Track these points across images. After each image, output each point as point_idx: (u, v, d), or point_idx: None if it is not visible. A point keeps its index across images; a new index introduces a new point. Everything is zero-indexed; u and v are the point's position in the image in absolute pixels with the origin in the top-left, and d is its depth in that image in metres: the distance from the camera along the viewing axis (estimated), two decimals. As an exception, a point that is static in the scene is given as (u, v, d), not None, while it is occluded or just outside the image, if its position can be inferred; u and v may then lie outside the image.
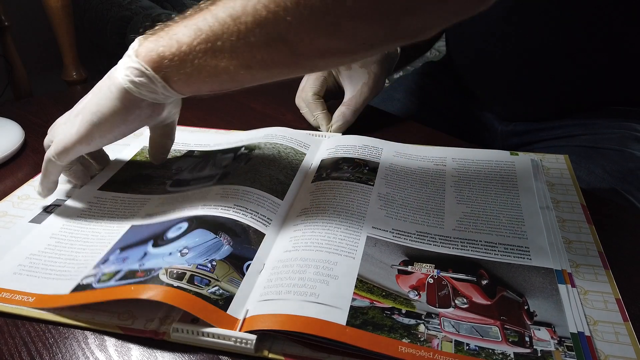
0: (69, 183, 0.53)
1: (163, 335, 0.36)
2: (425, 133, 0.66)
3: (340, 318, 0.35)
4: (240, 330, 0.35)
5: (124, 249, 0.42)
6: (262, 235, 0.44)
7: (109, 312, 0.38)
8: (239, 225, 0.44)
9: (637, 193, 0.62)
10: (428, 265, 0.41)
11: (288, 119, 0.69)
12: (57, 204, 0.50)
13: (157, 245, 0.42)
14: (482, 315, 0.36)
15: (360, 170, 0.53)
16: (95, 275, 0.40)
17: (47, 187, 0.48)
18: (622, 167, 0.63)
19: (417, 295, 0.38)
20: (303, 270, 0.39)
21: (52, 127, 0.49)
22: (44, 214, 0.48)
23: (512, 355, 0.33)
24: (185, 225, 0.43)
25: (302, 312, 0.35)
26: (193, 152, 0.59)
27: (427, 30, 0.37)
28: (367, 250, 0.42)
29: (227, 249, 0.41)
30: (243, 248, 0.42)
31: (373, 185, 0.51)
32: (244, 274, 0.39)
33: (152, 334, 0.36)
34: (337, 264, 0.40)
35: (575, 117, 0.71)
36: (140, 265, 0.39)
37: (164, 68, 0.41)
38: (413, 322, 0.36)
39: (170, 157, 0.58)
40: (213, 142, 0.61)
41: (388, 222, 0.46)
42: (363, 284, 0.39)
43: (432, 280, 0.40)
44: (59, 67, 1.35)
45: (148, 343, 0.36)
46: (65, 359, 0.35)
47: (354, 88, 0.64)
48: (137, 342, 0.36)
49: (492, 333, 0.35)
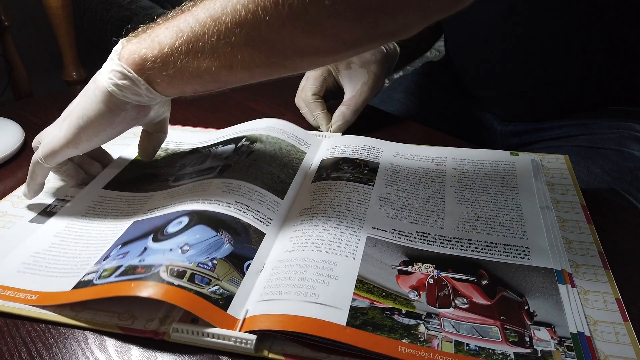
0: (62, 181, 0.53)
1: (163, 335, 0.36)
2: (425, 133, 0.66)
3: (340, 318, 0.35)
4: (240, 330, 0.35)
5: (125, 244, 0.43)
6: (262, 235, 0.44)
7: (109, 312, 0.38)
8: (240, 224, 0.44)
9: (636, 193, 0.62)
10: (428, 266, 0.41)
11: (288, 119, 0.69)
12: (57, 204, 0.50)
13: (157, 240, 0.41)
14: (482, 316, 0.36)
15: (360, 171, 0.53)
16: (97, 272, 0.40)
17: (33, 188, 0.48)
18: (621, 167, 0.63)
19: (417, 296, 0.38)
20: (303, 271, 0.39)
21: (42, 132, 0.50)
22: (45, 214, 0.48)
23: (512, 356, 0.33)
24: (186, 220, 0.43)
25: (302, 312, 0.35)
26: (197, 149, 0.59)
27: (407, 29, 0.37)
28: (367, 251, 0.42)
29: (227, 248, 0.41)
30: (243, 247, 0.42)
31: (373, 186, 0.51)
32: (244, 274, 0.39)
33: (152, 334, 0.36)
34: (337, 264, 0.40)
35: (575, 117, 0.71)
36: (141, 261, 0.39)
37: (147, 70, 0.41)
38: (413, 322, 0.36)
39: (175, 154, 0.58)
40: (215, 137, 0.61)
41: (388, 222, 0.46)
42: (363, 284, 0.39)
43: (432, 281, 0.40)
44: (59, 67, 1.35)
45: (148, 343, 0.36)
46: (65, 359, 0.35)
47: (354, 88, 0.64)
48: (137, 342, 0.36)
49: (492, 333, 0.35)
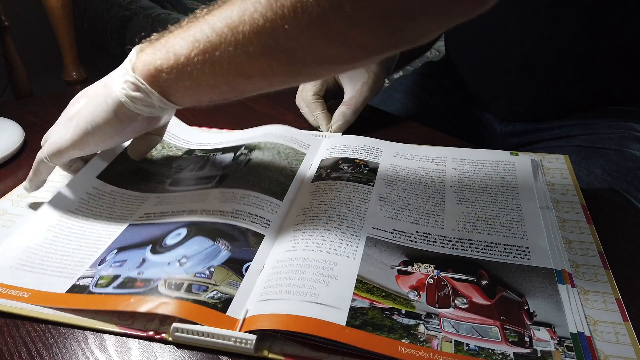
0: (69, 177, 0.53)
1: (163, 335, 0.36)
2: (425, 133, 0.66)
3: (340, 318, 0.35)
4: (240, 330, 0.35)
5: (122, 250, 0.43)
6: (261, 237, 0.44)
7: (109, 312, 0.38)
8: (237, 229, 0.44)
9: (636, 193, 0.61)
10: (428, 266, 0.41)
11: (288, 119, 0.69)
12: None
13: (155, 252, 0.42)
14: (481, 316, 0.36)
15: (360, 171, 0.53)
16: (93, 278, 0.40)
17: (35, 184, 0.48)
18: (621, 167, 0.63)
19: (416, 296, 0.38)
20: (303, 271, 0.39)
21: (50, 129, 0.49)
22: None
23: (511, 356, 0.33)
24: (184, 232, 0.43)
25: (301, 312, 0.35)
26: (194, 150, 0.59)
27: (427, 35, 0.36)
28: (367, 251, 0.42)
29: (225, 254, 0.41)
30: (242, 251, 0.42)
31: (373, 186, 0.51)
32: (243, 276, 0.39)
33: (152, 334, 0.36)
34: (337, 264, 0.40)
35: (575, 117, 0.71)
36: (140, 274, 0.39)
37: (162, 81, 0.41)
38: (413, 322, 0.36)
39: (172, 155, 0.58)
40: (214, 141, 0.61)
41: (388, 222, 0.46)
42: (363, 285, 0.39)
43: (432, 281, 0.40)
44: (59, 67, 1.35)
45: (148, 343, 0.36)
46: (65, 359, 0.35)
47: (354, 88, 0.64)
48: (137, 342, 0.36)
49: (491, 333, 0.35)
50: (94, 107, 0.43)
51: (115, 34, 1.38)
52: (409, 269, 0.41)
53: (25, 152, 0.61)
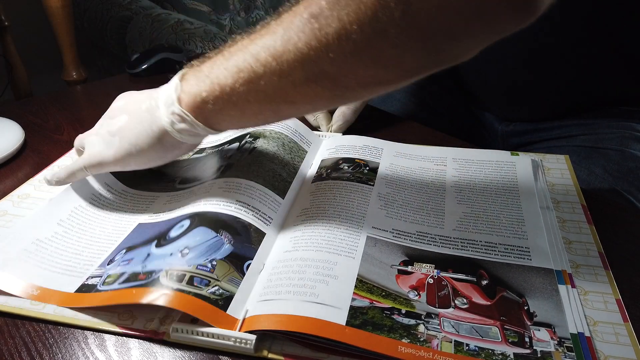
0: None
1: (163, 335, 0.36)
2: (425, 133, 0.66)
3: (340, 318, 0.35)
4: (240, 330, 0.35)
5: (130, 250, 0.42)
6: (262, 235, 0.44)
7: (109, 312, 0.38)
8: (240, 223, 0.44)
9: (637, 193, 0.61)
10: (428, 266, 0.41)
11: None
12: None
13: (160, 245, 0.42)
14: (481, 316, 0.36)
15: (361, 171, 0.53)
16: (101, 277, 0.40)
17: (62, 183, 0.49)
18: (622, 167, 0.63)
19: (417, 296, 0.38)
20: (303, 270, 0.39)
21: (84, 135, 0.50)
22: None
23: (511, 356, 0.33)
24: (187, 223, 0.43)
25: (301, 312, 0.35)
26: (204, 149, 0.59)
27: (468, 53, 0.36)
28: (367, 250, 0.42)
29: (227, 248, 0.41)
30: (244, 247, 0.42)
31: (373, 185, 0.51)
32: (244, 274, 0.39)
33: (152, 334, 0.36)
34: (337, 264, 0.40)
35: (576, 117, 0.71)
36: (143, 267, 0.39)
37: (207, 112, 0.41)
38: (413, 322, 0.36)
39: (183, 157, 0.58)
40: (223, 136, 0.60)
41: (388, 222, 0.46)
42: (363, 284, 0.39)
43: (432, 281, 0.40)
44: (59, 67, 1.35)
45: (148, 343, 0.36)
46: (65, 359, 0.35)
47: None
48: (137, 342, 0.36)
49: (491, 333, 0.35)
50: (139, 131, 0.44)
51: (115, 34, 1.38)
52: (409, 269, 0.41)
53: (25, 152, 0.61)
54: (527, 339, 0.35)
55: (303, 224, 0.45)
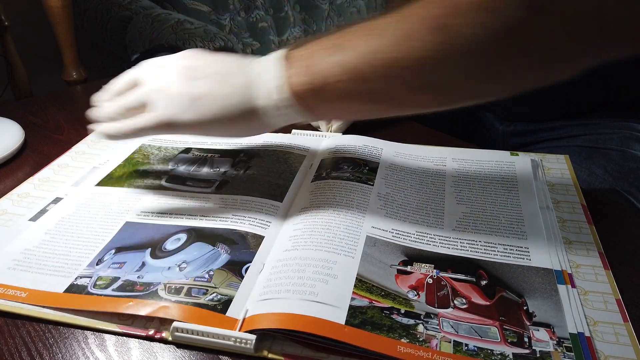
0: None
1: (163, 335, 0.36)
2: (425, 133, 0.66)
3: (339, 317, 0.35)
4: (240, 330, 0.35)
5: (120, 251, 0.43)
6: (261, 238, 0.44)
7: (109, 312, 0.38)
8: (237, 233, 0.44)
9: (637, 193, 0.61)
10: (427, 265, 0.41)
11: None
12: (54, 205, 0.50)
13: (155, 257, 0.42)
14: (481, 316, 0.36)
15: (360, 170, 0.53)
16: (91, 278, 0.40)
17: (124, 138, 0.45)
18: (623, 167, 0.63)
19: (416, 295, 0.38)
20: (302, 270, 0.39)
21: (146, 90, 0.44)
22: (43, 212, 0.48)
23: (510, 356, 0.33)
24: (184, 237, 0.44)
25: (301, 310, 0.35)
26: (190, 149, 0.59)
27: (580, 71, 0.36)
28: (366, 250, 0.42)
29: (224, 258, 0.41)
30: (241, 254, 0.42)
31: (373, 185, 0.51)
32: (243, 276, 0.40)
33: (152, 334, 0.36)
34: (336, 263, 0.40)
35: (577, 117, 0.71)
36: (139, 277, 0.40)
37: (311, 102, 0.40)
38: (412, 322, 0.36)
39: (168, 154, 0.58)
40: (210, 141, 0.61)
41: (387, 221, 0.46)
42: (362, 284, 0.39)
43: (431, 281, 0.40)
44: (59, 67, 1.35)
45: (148, 343, 0.36)
46: (65, 359, 0.35)
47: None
48: (137, 342, 0.36)
49: (491, 333, 0.35)
50: (229, 104, 0.42)
51: (115, 34, 1.38)
52: (409, 269, 0.41)
53: (25, 152, 0.61)
54: (526, 339, 0.35)
55: (303, 223, 0.45)
